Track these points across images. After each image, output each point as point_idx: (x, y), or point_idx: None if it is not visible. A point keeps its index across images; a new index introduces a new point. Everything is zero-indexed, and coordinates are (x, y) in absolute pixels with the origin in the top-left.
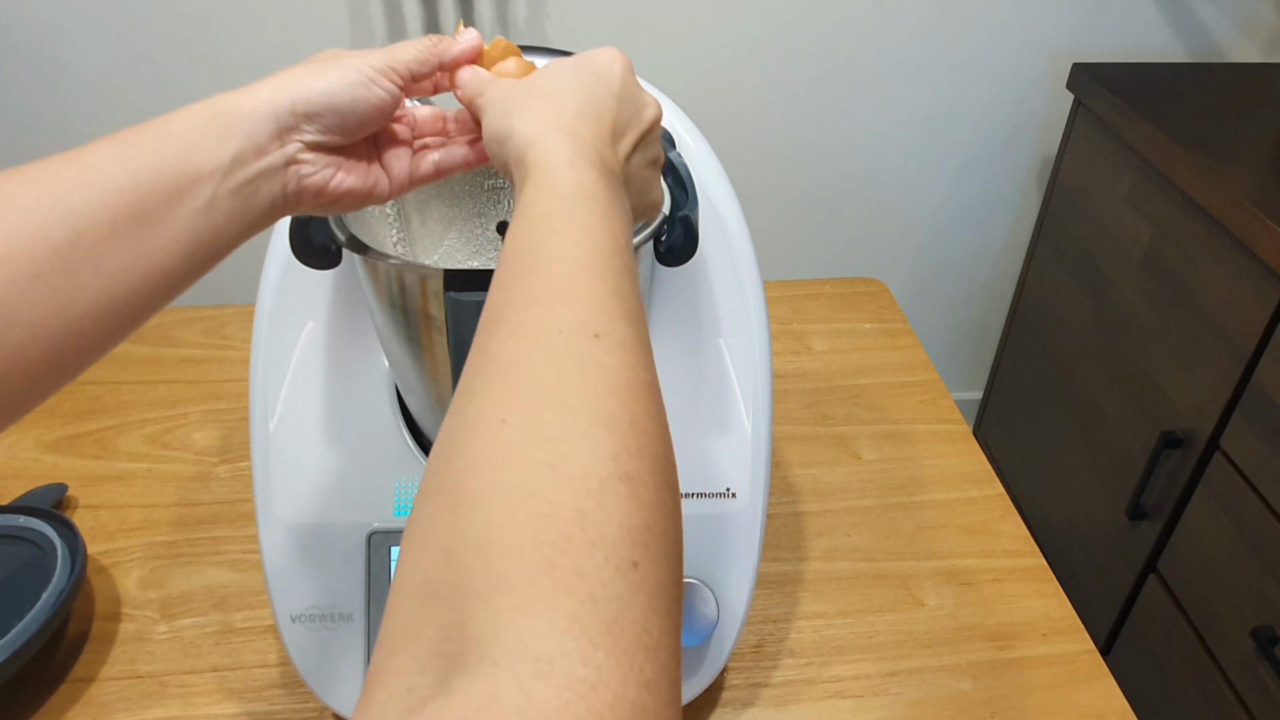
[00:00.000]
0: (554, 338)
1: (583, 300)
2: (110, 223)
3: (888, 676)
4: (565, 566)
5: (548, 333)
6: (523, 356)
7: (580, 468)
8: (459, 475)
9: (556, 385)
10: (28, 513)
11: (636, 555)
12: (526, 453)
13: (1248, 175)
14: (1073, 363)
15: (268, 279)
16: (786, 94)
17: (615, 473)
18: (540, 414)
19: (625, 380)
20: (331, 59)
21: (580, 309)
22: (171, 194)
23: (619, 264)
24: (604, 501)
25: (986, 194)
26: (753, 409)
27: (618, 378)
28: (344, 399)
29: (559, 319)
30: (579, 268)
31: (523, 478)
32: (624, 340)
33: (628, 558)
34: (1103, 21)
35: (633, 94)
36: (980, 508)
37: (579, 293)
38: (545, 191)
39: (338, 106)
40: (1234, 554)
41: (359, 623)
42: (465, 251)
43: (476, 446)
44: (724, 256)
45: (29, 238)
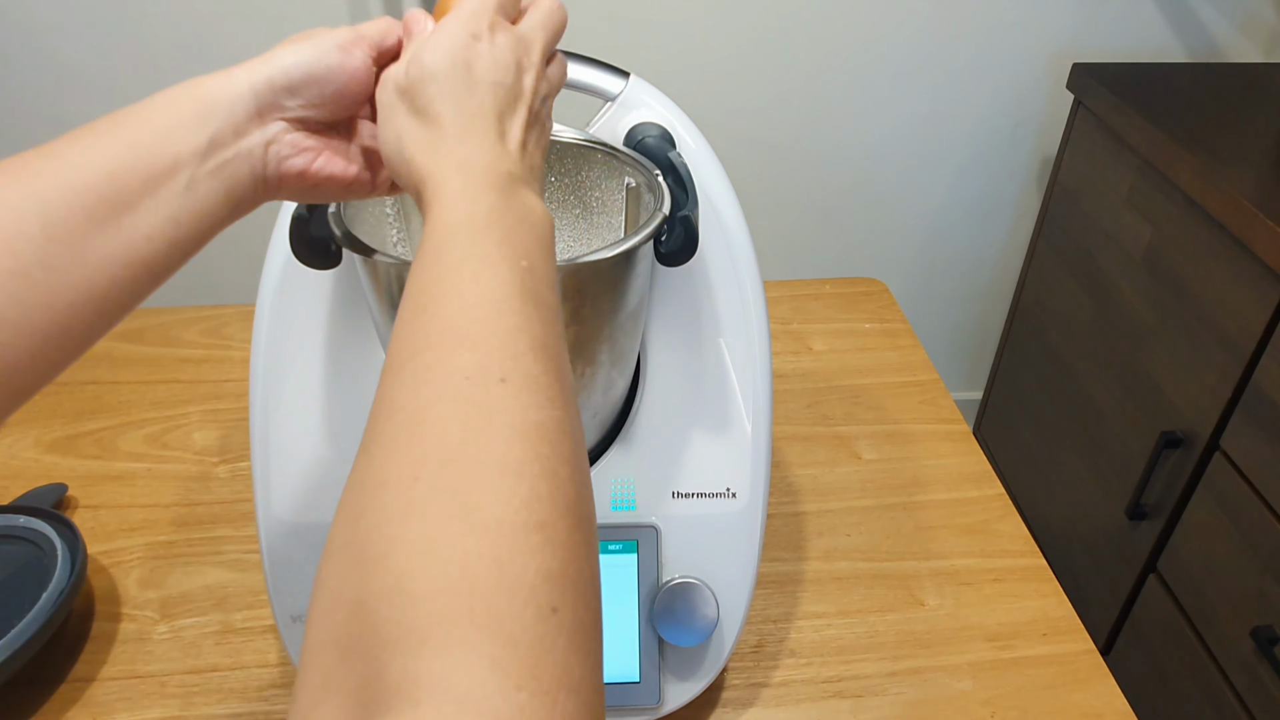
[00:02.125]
0: (458, 384)
1: (484, 342)
2: (87, 213)
3: (888, 676)
4: (483, 612)
5: (451, 379)
6: (425, 405)
7: (493, 518)
8: (368, 530)
9: (462, 436)
10: (28, 513)
11: (555, 600)
12: (436, 505)
13: (1248, 175)
14: (1073, 363)
15: (268, 279)
16: (786, 94)
17: (528, 521)
18: (447, 468)
19: (534, 424)
20: (303, 36)
21: (481, 351)
22: (149, 180)
23: (522, 295)
24: (519, 549)
25: (986, 194)
26: (753, 409)
27: (525, 422)
28: (344, 399)
29: (460, 363)
30: (476, 307)
31: (434, 529)
32: (530, 379)
33: (547, 603)
34: (1103, 21)
35: (501, 67)
36: (980, 508)
37: (478, 334)
38: (440, 227)
39: (316, 75)
40: (1234, 554)
41: None
42: None
43: (385, 500)
44: (724, 256)
45: (4, 234)
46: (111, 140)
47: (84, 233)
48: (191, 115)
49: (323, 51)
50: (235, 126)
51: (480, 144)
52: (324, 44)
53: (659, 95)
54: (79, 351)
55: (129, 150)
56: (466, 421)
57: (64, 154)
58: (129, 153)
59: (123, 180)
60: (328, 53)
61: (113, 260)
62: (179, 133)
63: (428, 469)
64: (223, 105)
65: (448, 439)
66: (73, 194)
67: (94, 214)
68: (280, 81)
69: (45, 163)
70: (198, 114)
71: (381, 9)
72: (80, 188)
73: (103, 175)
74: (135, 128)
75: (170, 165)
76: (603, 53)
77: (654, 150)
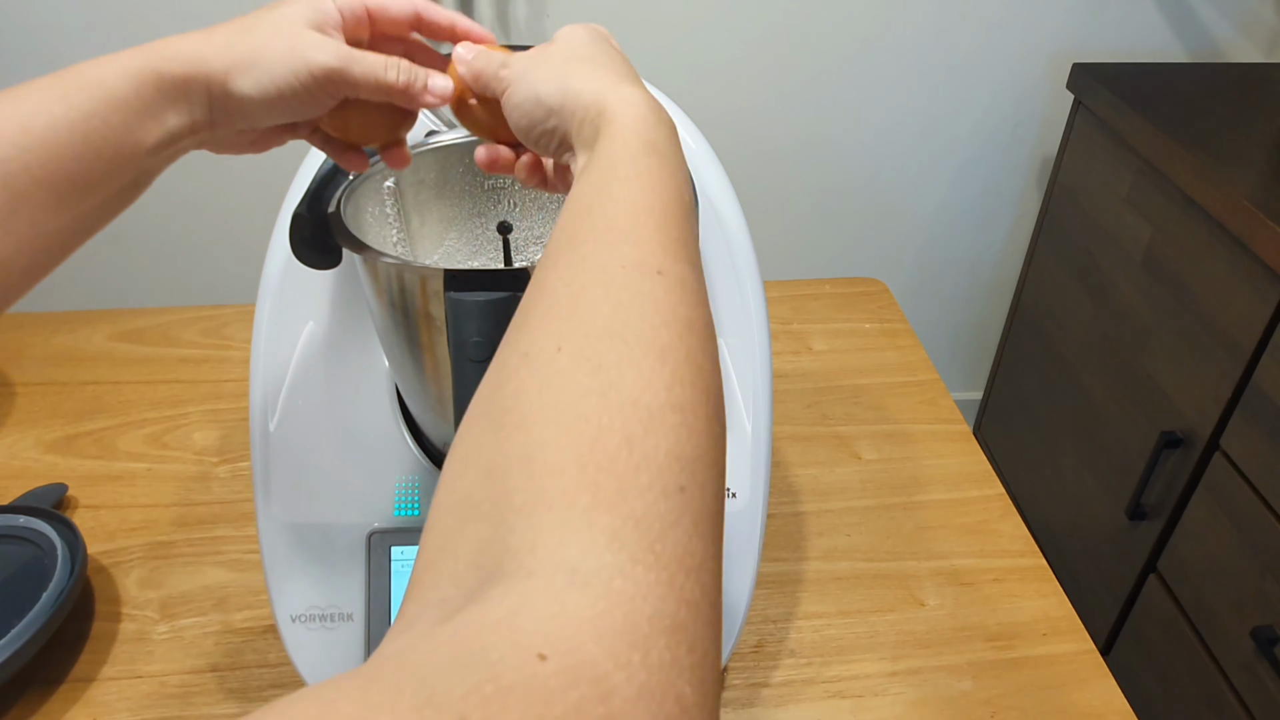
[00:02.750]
0: (614, 272)
1: (645, 240)
2: (53, 192)
3: (888, 676)
4: (608, 487)
5: (608, 267)
6: (580, 289)
7: (630, 396)
8: (507, 399)
9: (612, 317)
10: (28, 513)
11: (683, 481)
12: (577, 379)
13: (1248, 175)
14: (1073, 363)
15: (268, 279)
16: (786, 94)
17: (667, 403)
18: (594, 343)
19: (682, 317)
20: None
21: (642, 247)
22: (112, 166)
23: (681, 213)
24: (653, 429)
25: (986, 194)
26: (753, 409)
27: (675, 314)
28: (344, 399)
29: (620, 255)
30: (644, 212)
31: (572, 402)
32: (683, 279)
33: (674, 482)
34: (1103, 21)
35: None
36: (980, 508)
37: (641, 233)
38: (619, 144)
39: (278, 111)
40: (1234, 554)
41: (359, 623)
42: (465, 251)
43: (527, 373)
44: (724, 256)
45: None
46: (82, 118)
47: (48, 208)
48: (157, 105)
49: (293, 92)
50: (194, 125)
51: (640, 90)
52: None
53: (659, 95)
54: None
55: (100, 132)
56: (618, 304)
57: (34, 124)
58: (100, 136)
59: (90, 163)
60: (297, 94)
61: (66, 230)
62: (146, 124)
63: (572, 342)
64: (185, 104)
65: (596, 316)
66: (42, 170)
67: (59, 192)
68: (237, 113)
69: (13, 129)
70: (163, 105)
71: None
72: (49, 163)
73: (71, 157)
74: (104, 108)
75: (134, 153)
76: None
77: None
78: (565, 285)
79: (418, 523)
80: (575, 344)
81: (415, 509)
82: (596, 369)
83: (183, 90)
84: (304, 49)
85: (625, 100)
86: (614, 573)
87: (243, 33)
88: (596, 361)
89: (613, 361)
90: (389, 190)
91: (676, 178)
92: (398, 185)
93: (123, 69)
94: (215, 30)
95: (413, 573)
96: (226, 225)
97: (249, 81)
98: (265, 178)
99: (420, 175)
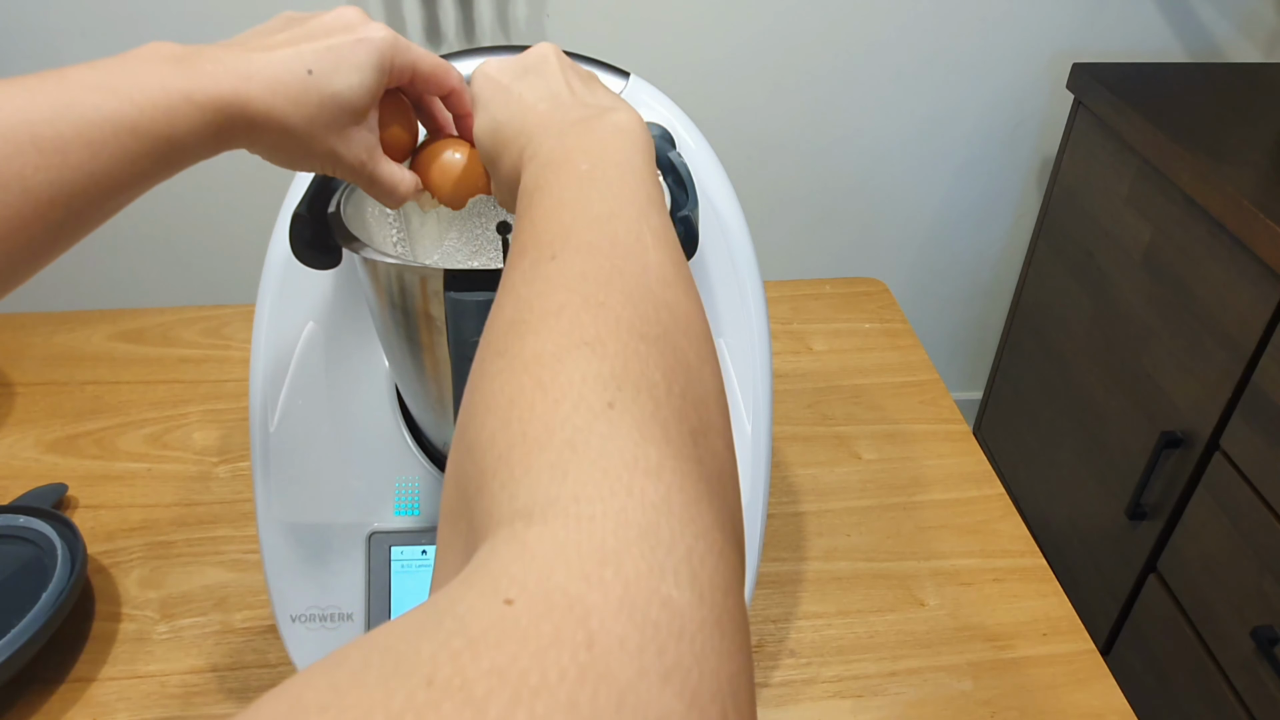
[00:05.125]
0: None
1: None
2: (93, 203)
3: (888, 676)
4: (535, 432)
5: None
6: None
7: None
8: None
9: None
10: (28, 513)
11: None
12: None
13: (1248, 175)
14: (1073, 363)
15: (268, 279)
16: (786, 94)
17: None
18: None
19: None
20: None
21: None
22: (146, 176)
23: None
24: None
25: (986, 194)
26: (753, 409)
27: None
28: (344, 399)
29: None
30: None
31: (497, 387)
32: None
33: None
34: (1103, 21)
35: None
36: (980, 508)
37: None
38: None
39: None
40: (1234, 554)
41: (359, 623)
42: (465, 251)
43: (528, 326)
44: (724, 256)
45: (26, 216)
46: (116, 130)
47: (83, 215)
48: (191, 121)
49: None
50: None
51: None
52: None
53: (659, 95)
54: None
55: (136, 146)
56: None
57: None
58: (138, 149)
59: (124, 175)
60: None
61: (90, 226)
62: (183, 139)
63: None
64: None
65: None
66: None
67: (92, 201)
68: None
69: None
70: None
71: (382, 11)
72: (87, 180)
73: (109, 172)
74: (139, 116)
75: (165, 164)
76: (603, 53)
77: None
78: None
79: (418, 523)
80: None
81: (415, 509)
82: (601, 306)
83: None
84: (338, 146)
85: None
86: (567, 500)
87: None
88: (600, 299)
89: (613, 300)
90: None
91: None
92: None
93: (150, 71)
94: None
95: (438, 548)
96: (226, 225)
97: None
98: (265, 178)
99: None
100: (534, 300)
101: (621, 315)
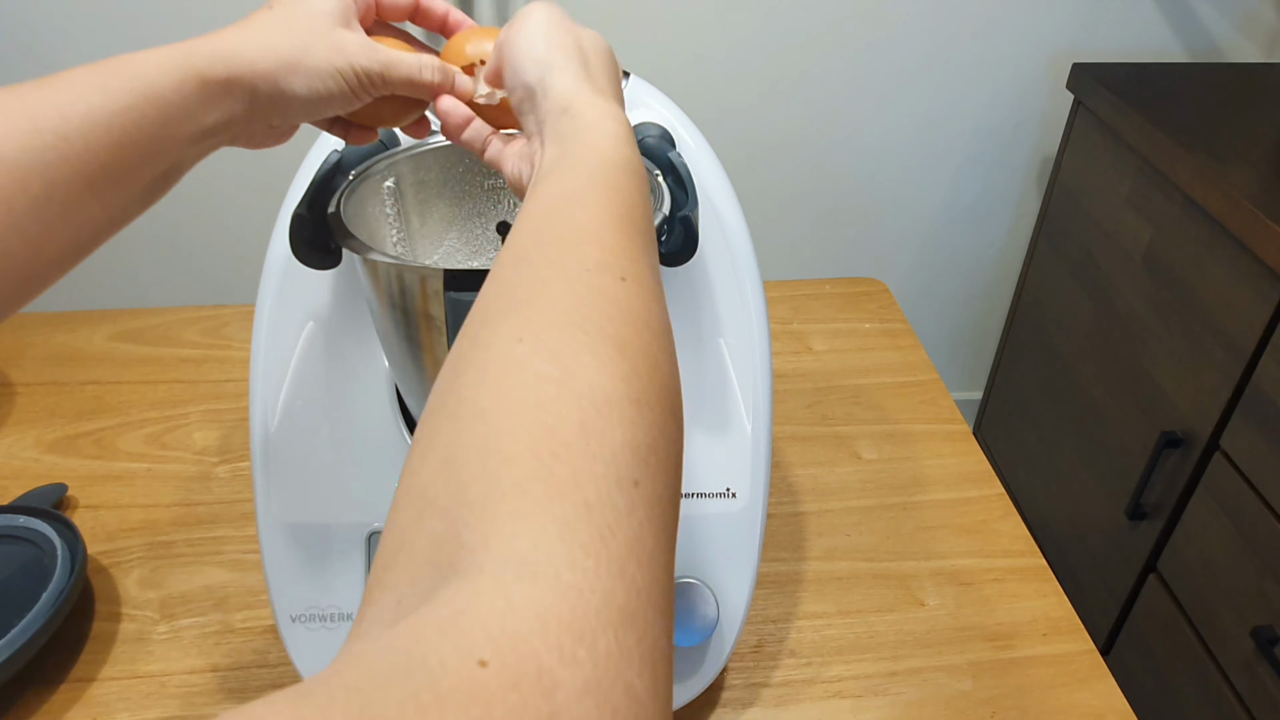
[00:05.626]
0: (578, 273)
1: (610, 245)
2: (87, 182)
3: (888, 676)
4: (562, 475)
5: (573, 268)
6: (543, 284)
7: (588, 385)
8: (465, 389)
9: (573, 311)
10: (28, 513)
11: (638, 474)
12: (535, 367)
13: (1248, 175)
14: (1073, 363)
15: (268, 279)
16: (786, 94)
17: (625, 394)
18: (554, 334)
19: (643, 316)
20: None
21: (607, 251)
22: (147, 158)
23: (646, 228)
24: (609, 418)
25: (986, 194)
26: (753, 409)
27: (636, 312)
28: (344, 399)
29: (584, 256)
30: (612, 220)
31: (529, 390)
32: (647, 284)
33: (629, 475)
34: (1103, 21)
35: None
36: (980, 508)
37: (608, 239)
38: (594, 154)
39: (318, 110)
40: (1234, 554)
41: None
42: (465, 251)
43: (485, 362)
44: (724, 256)
45: (9, 189)
46: (121, 109)
47: (80, 198)
48: (197, 103)
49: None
50: (232, 119)
51: (620, 111)
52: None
53: (659, 95)
54: (46, 289)
55: (136, 124)
56: (580, 299)
57: (73, 111)
58: (136, 127)
59: (126, 154)
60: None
61: (99, 220)
62: (183, 120)
63: (531, 331)
64: (226, 101)
65: (557, 310)
66: (78, 159)
67: (93, 182)
68: (280, 108)
69: (53, 117)
70: (203, 102)
71: None
72: (85, 153)
73: (107, 145)
74: (144, 102)
75: (170, 146)
76: None
77: (654, 150)
78: (527, 283)
79: None
80: (535, 334)
81: None
82: (555, 356)
83: (225, 90)
84: (348, 52)
85: (605, 115)
86: (563, 564)
87: (282, 31)
88: (556, 350)
89: (571, 350)
90: (389, 190)
91: (645, 197)
92: (398, 185)
93: (164, 65)
94: (249, 26)
95: (371, 572)
96: (226, 225)
97: (296, 83)
98: (265, 178)
99: (420, 175)
100: (599, 310)
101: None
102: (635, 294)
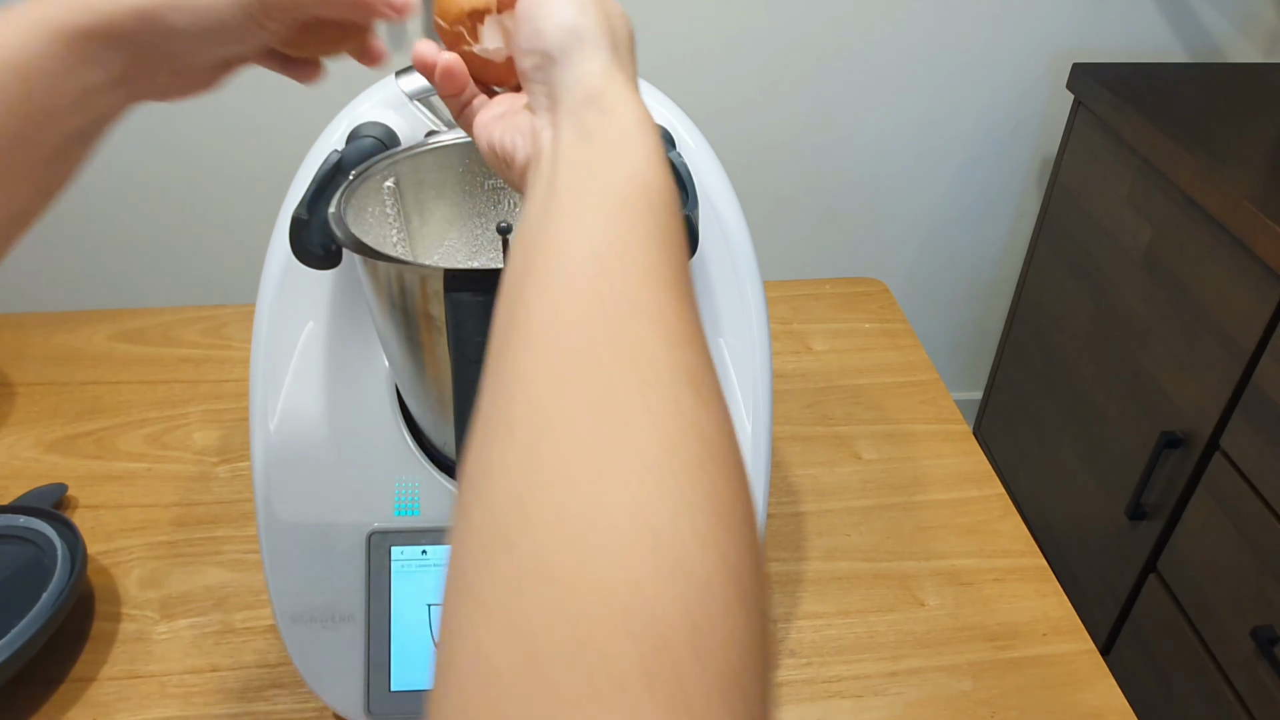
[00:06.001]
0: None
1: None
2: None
3: (888, 676)
4: (665, 677)
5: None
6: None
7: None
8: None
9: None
10: (28, 513)
11: (744, 664)
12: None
13: (1248, 175)
14: (1073, 363)
15: (268, 279)
16: (786, 94)
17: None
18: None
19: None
20: None
21: (675, 345)
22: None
23: (690, 278)
24: (719, 610)
25: (986, 194)
26: (753, 409)
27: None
28: (344, 399)
29: (655, 356)
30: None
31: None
32: (715, 386)
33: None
34: (1103, 21)
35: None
36: (980, 508)
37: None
38: (635, 183)
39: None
40: (1234, 554)
41: (359, 623)
42: (465, 251)
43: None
44: (724, 256)
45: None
46: None
47: None
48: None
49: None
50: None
51: (646, 110)
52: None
53: (659, 95)
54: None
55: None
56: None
57: None
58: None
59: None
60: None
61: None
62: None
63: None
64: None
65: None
66: None
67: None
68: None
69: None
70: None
71: None
72: None
73: None
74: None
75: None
76: None
77: None
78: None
79: (418, 523)
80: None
81: (415, 509)
82: (655, 531)
83: (96, 42)
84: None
85: (641, 121)
86: None
87: None
88: (655, 524)
89: (672, 519)
90: (389, 190)
91: (683, 231)
92: (398, 185)
93: (16, 27)
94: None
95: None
96: (226, 225)
97: (177, 19)
98: (265, 178)
99: (420, 175)
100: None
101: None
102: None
